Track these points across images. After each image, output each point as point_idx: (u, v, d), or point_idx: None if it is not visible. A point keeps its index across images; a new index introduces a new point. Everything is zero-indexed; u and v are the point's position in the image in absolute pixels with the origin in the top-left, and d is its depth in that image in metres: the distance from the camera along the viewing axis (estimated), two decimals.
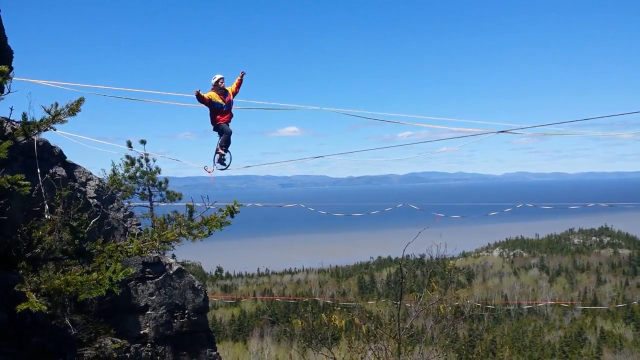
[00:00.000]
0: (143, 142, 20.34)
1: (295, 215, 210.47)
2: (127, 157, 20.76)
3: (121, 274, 4.89)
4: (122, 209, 10.43)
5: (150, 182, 21.74)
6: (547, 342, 64.01)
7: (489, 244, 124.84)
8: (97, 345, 8.13)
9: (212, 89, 11.14)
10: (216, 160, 11.81)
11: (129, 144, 18.49)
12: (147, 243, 5.50)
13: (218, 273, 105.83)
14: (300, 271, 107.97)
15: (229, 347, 59.01)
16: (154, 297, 9.62)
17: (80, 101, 5.68)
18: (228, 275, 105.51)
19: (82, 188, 9.41)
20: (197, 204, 5.89)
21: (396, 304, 9.41)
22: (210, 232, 5.72)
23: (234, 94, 11.52)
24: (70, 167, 9.49)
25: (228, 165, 11.97)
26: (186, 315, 10.07)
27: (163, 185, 22.34)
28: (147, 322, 9.47)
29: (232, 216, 5.85)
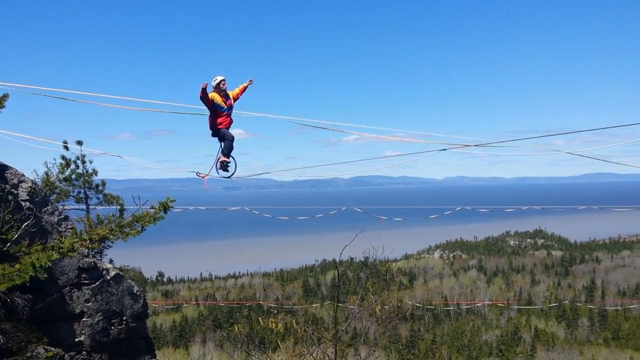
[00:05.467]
0: (79, 142, 19.55)
1: (240, 218, 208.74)
2: (62, 158, 19.98)
3: (45, 259, 4.69)
4: (56, 212, 10.03)
5: (87, 184, 21.01)
6: (484, 341, 66.15)
7: (430, 246, 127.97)
8: (28, 355, 7.78)
9: (214, 91, 10.58)
10: (218, 167, 11.12)
11: (65, 145, 17.80)
12: (78, 242, 5.33)
13: (159, 278, 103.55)
14: (244, 275, 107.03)
15: (169, 353, 57.75)
16: (90, 304, 9.30)
17: (4, 97, 5.46)
18: (169, 281, 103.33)
19: (13, 190, 8.99)
20: (134, 207, 5.77)
21: (338, 306, 9.50)
22: (143, 228, 5.60)
23: (236, 98, 10.97)
24: (1, 169, 9.06)
25: (233, 173, 11.29)
26: (124, 322, 9.79)
27: (100, 187, 21.64)
28: (82, 330, 9.15)
29: (165, 212, 5.74)
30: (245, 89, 11.15)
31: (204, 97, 10.28)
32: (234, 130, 11.03)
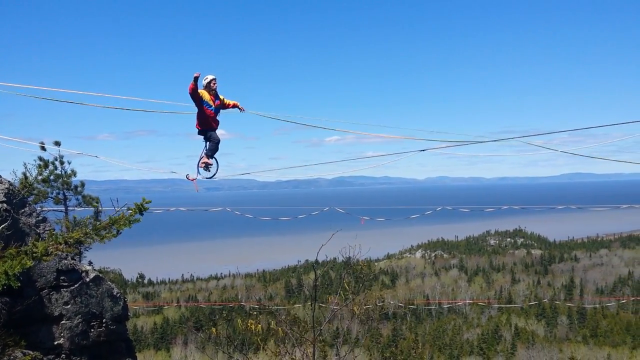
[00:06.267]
0: (57, 143, 19.30)
1: (222, 219, 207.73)
2: (40, 159, 19.69)
3: (18, 266, 4.63)
4: (34, 214, 9.88)
5: (65, 185, 20.73)
6: (465, 340, 66.77)
7: (411, 245, 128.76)
8: (5, 358, 7.67)
9: (203, 89, 10.33)
10: (201, 167, 11.01)
11: (42, 146, 17.55)
12: (52, 245, 5.26)
13: (140, 280, 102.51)
14: (226, 276, 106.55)
15: (150, 356, 57.30)
16: (69, 306, 9.19)
17: None
18: (150, 282, 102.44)
19: None
20: (113, 209, 5.71)
21: (321, 306, 9.53)
22: (119, 231, 5.54)
23: (224, 105, 10.72)
24: None
25: (215, 174, 11.24)
26: (104, 325, 9.69)
27: (79, 189, 21.36)
28: (61, 332, 9.03)
29: (141, 214, 5.68)
30: (235, 106, 10.92)
31: (194, 90, 10.02)
32: (217, 131, 10.92)
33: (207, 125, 10.62)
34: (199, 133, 10.77)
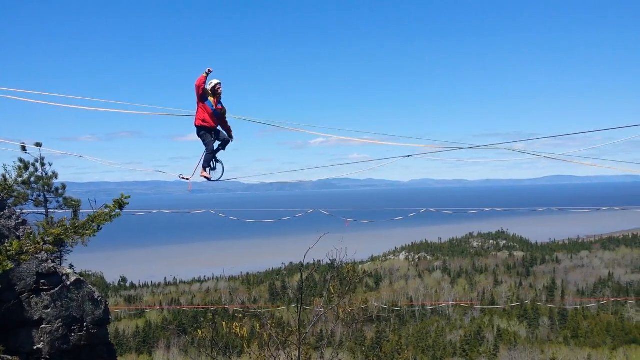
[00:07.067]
0: (38, 144, 19.03)
1: (205, 222, 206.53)
2: (20, 160, 19.39)
3: None
4: (14, 217, 9.74)
5: (46, 187, 20.45)
6: (449, 342, 67.13)
7: (395, 247, 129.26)
8: None
9: (209, 91, 10.22)
10: (202, 176, 10.75)
11: (23, 146, 17.27)
12: (29, 245, 5.17)
13: (122, 283, 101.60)
14: (209, 279, 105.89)
15: (132, 359, 56.69)
16: (49, 310, 9.06)
17: None
18: (132, 286, 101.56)
19: None
20: (92, 209, 5.65)
21: (305, 309, 9.50)
22: (99, 227, 5.48)
23: (223, 117, 10.53)
24: None
25: (220, 177, 11.04)
26: (85, 328, 9.57)
27: (60, 191, 21.08)
28: (41, 337, 8.90)
29: (120, 209, 5.63)
30: (228, 131, 10.75)
31: (200, 89, 9.94)
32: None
33: (205, 123, 10.38)
34: (198, 133, 10.49)
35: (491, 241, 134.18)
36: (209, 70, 9.89)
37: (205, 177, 10.72)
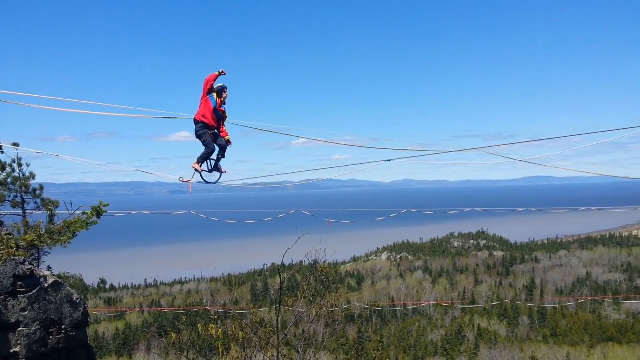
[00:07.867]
0: (16, 145, 18.70)
1: (186, 223, 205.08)
2: None
3: None
4: None
5: (23, 188, 20.12)
6: (430, 341, 67.57)
7: (377, 248, 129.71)
8: None
9: (216, 92, 10.20)
10: (199, 161, 10.62)
11: None
12: (4, 250, 5.09)
13: (101, 285, 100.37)
14: (190, 281, 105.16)
15: None
16: (26, 313, 8.91)
17: None
18: (112, 287, 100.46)
19: None
20: (68, 212, 5.56)
21: (287, 310, 9.49)
22: (75, 234, 5.41)
23: (223, 120, 10.48)
24: None
25: (218, 180, 11.08)
26: (63, 331, 9.43)
27: (38, 192, 20.76)
28: (18, 340, 8.75)
29: (98, 217, 5.55)
30: (225, 137, 10.64)
31: (211, 80, 9.94)
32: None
33: (204, 119, 10.29)
34: (197, 131, 10.35)
35: (472, 241, 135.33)
36: (222, 71, 9.92)
37: (195, 169, 10.63)
